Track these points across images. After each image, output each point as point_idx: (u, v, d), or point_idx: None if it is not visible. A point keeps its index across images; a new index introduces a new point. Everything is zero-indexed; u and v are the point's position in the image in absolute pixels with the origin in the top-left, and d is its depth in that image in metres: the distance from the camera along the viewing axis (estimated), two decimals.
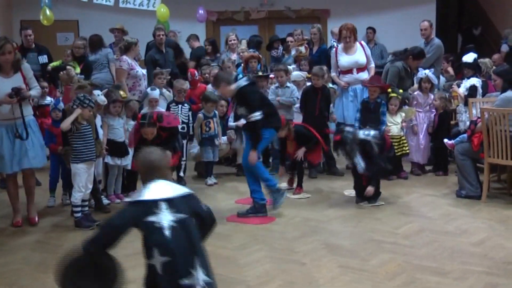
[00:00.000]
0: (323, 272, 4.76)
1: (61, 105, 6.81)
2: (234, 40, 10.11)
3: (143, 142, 6.06)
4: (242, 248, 5.29)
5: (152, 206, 3.07)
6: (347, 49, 8.30)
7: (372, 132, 6.55)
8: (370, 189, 6.49)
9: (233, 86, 6.21)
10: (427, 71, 8.23)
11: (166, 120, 6.35)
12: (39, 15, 10.51)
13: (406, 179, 7.65)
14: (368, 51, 8.47)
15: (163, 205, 3.08)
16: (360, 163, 6.37)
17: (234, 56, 9.94)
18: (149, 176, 3.22)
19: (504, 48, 12.16)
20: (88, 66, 8.85)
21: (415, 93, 8.17)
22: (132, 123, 6.96)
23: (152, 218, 3.03)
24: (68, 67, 8.14)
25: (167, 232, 3.02)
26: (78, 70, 8.35)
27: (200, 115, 7.85)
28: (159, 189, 3.15)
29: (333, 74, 8.46)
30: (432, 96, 8.09)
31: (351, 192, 6.90)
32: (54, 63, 9.03)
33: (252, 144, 6.17)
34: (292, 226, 5.81)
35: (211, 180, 7.83)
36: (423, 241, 5.44)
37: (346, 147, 6.47)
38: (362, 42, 8.54)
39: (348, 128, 6.69)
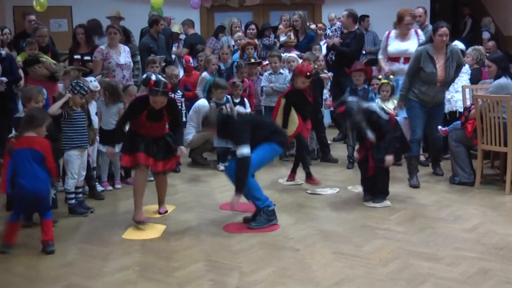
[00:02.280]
0: (316, 258, 4.78)
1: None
2: (238, 26, 10.07)
3: (135, 115, 5.62)
4: (236, 235, 5.30)
5: None
6: (401, 36, 7.88)
7: (375, 105, 6.35)
8: (389, 158, 6.00)
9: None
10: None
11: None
12: (32, 1, 10.43)
13: (400, 166, 7.64)
14: (423, 40, 7.77)
15: None
16: (369, 133, 6.00)
17: (233, 42, 9.92)
18: None
19: (486, 35, 12.39)
20: (55, 54, 8.20)
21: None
22: None
23: None
24: (42, 59, 7.55)
25: None
26: (50, 59, 7.72)
27: (212, 103, 7.81)
28: None
29: (380, 56, 8.19)
30: None
31: (355, 188, 6.68)
32: (21, 57, 7.77)
33: (236, 186, 5.37)
34: (286, 212, 5.82)
35: (223, 166, 7.67)
36: (416, 228, 5.45)
37: (351, 118, 6.05)
38: (418, 30, 8.05)
39: (351, 98, 6.26)
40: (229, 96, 7.95)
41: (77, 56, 8.00)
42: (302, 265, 4.63)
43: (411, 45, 7.67)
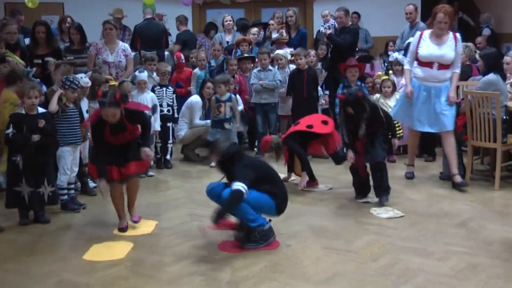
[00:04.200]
0: (307, 253, 4.78)
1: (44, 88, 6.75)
2: (229, 21, 10.05)
3: (101, 134, 5.22)
4: (227, 231, 5.28)
5: None
6: (436, 37, 6.57)
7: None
8: (396, 142, 6.20)
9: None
10: (396, 53, 8.24)
11: (133, 104, 5.62)
12: None
13: (394, 162, 7.63)
14: (460, 48, 6.73)
15: None
16: (363, 127, 5.81)
17: (228, 37, 9.90)
18: None
19: (486, 31, 12.29)
20: (24, 52, 7.36)
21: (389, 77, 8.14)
22: None
23: None
24: (8, 58, 6.79)
25: None
26: (18, 59, 6.96)
27: (213, 98, 7.83)
28: None
29: (407, 66, 6.86)
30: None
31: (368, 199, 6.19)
32: None
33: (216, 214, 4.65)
34: None
35: (214, 163, 7.69)
36: (407, 223, 5.47)
37: (364, 106, 5.82)
38: (457, 35, 6.65)
39: (354, 88, 6.12)
40: (233, 95, 7.92)
41: (37, 61, 7.27)
42: (293, 260, 4.63)
43: (448, 50, 6.50)
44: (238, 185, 4.60)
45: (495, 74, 6.58)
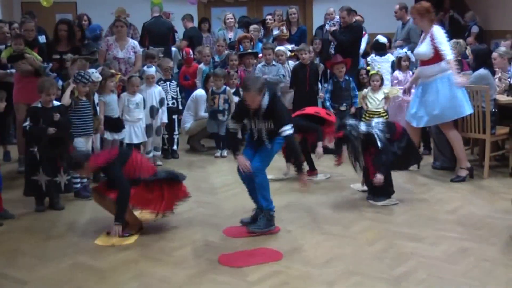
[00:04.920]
0: (307, 238, 4.78)
1: (60, 83, 6.75)
2: (231, 18, 10.02)
3: None
4: (232, 217, 5.29)
5: None
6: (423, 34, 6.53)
7: (374, 123, 5.68)
8: (379, 177, 5.45)
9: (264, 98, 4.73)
10: (404, 49, 8.20)
11: (95, 159, 5.04)
12: None
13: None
14: (439, 39, 6.22)
15: None
16: (361, 162, 5.62)
17: (230, 35, 9.87)
18: None
19: (475, 29, 12.26)
20: (42, 49, 7.23)
21: (395, 72, 8.11)
22: (133, 99, 6.91)
23: None
24: (27, 55, 6.79)
25: None
26: (36, 55, 6.90)
27: (210, 90, 7.83)
28: None
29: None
30: (410, 73, 8.05)
31: (358, 187, 6.10)
32: (6, 53, 7.03)
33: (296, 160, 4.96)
34: (279, 196, 5.79)
35: (218, 153, 7.74)
36: (401, 210, 5.46)
37: (350, 144, 5.58)
38: (433, 28, 6.33)
39: (350, 122, 5.63)
40: (228, 88, 7.85)
41: (56, 56, 7.11)
42: (294, 244, 4.63)
43: (422, 46, 6.37)
44: (289, 130, 4.71)
45: (485, 69, 6.57)
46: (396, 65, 8.14)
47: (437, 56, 6.20)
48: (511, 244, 4.61)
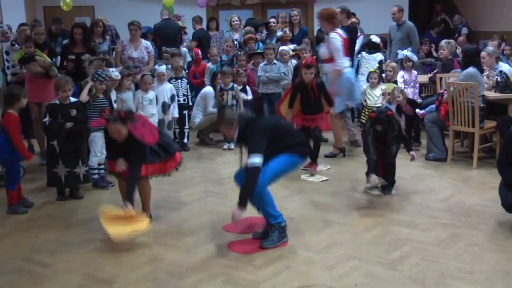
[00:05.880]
0: (309, 225, 4.77)
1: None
2: (237, 21, 9.99)
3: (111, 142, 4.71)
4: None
5: None
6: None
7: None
8: (412, 154, 5.53)
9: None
10: (405, 51, 8.14)
11: (139, 126, 4.61)
12: (60, 1, 10.35)
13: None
14: (333, 45, 6.57)
15: None
16: (393, 145, 5.47)
17: (236, 36, 9.84)
18: None
19: (465, 30, 12.28)
20: (52, 51, 7.23)
21: (400, 72, 8.01)
22: (146, 96, 6.92)
23: None
24: (37, 57, 6.74)
25: None
26: (46, 57, 6.88)
27: (218, 87, 7.80)
28: None
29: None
30: (415, 73, 7.96)
31: (367, 186, 5.67)
32: (17, 55, 6.99)
33: (239, 198, 4.19)
34: (281, 186, 5.77)
35: (226, 146, 7.70)
36: (396, 198, 5.44)
37: (382, 126, 5.31)
38: (331, 36, 6.62)
39: (385, 106, 5.55)
40: (235, 85, 7.82)
41: (71, 57, 7.03)
42: (296, 231, 4.62)
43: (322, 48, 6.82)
44: (253, 161, 4.10)
45: (474, 67, 6.54)
46: (401, 66, 8.10)
47: (333, 57, 6.61)
48: (498, 230, 4.59)
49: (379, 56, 8.52)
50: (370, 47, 8.60)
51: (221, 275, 3.87)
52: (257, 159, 4.10)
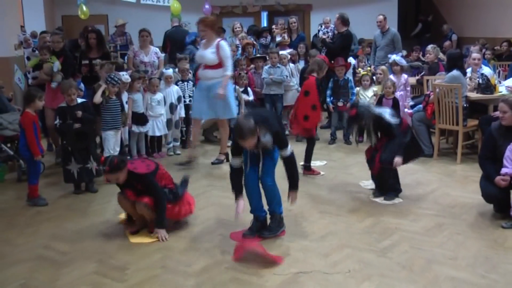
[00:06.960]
0: (306, 216, 4.77)
1: (82, 86, 6.82)
2: (238, 28, 9.97)
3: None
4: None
5: None
6: (205, 42, 6.50)
7: (388, 111, 5.04)
8: (397, 160, 4.94)
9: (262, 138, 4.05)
10: (394, 56, 8.11)
11: (133, 166, 4.40)
12: (78, 11, 10.37)
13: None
14: (226, 53, 6.32)
15: None
16: (373, 139, 5.13)
17: (238, 41, 9.84)
18: None
19: (454, 37, 12.35)
20: (68, 58, 6.82)
21: (390, 76, 7.96)
22: (154, 97, 6.92)
23: None
24: (45, 64, 6.59)
25: None
26: (58, 64, 6.59)
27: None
28: None
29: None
30: (404, 76, 7.87)
31: (367, 184, 5.62)
32: (33, 62, 7.00)
33: (292, 183, 4.28)
34: (279, 180, 5.78)
35: (230, 143, 7.63)
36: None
37: (362, 122, 5.07)
38: (222, 43, 6.38)
39: (362, 103, 5.24)
40: (237, 86, 7.78)
41: (85, 62, 7.02)
42: (294, 222, 4.62)
43: (208, 53, 6.34)
44: (289, 151, 4.16)
45: (457, 70, 6.54)
46: (391, 70, 8.08)
47: (220, 64, 6.30)
48: (479, 219, 4.60)
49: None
50: None
51: (225, 262, 3.88)
52: (290, 149, 4.19)
